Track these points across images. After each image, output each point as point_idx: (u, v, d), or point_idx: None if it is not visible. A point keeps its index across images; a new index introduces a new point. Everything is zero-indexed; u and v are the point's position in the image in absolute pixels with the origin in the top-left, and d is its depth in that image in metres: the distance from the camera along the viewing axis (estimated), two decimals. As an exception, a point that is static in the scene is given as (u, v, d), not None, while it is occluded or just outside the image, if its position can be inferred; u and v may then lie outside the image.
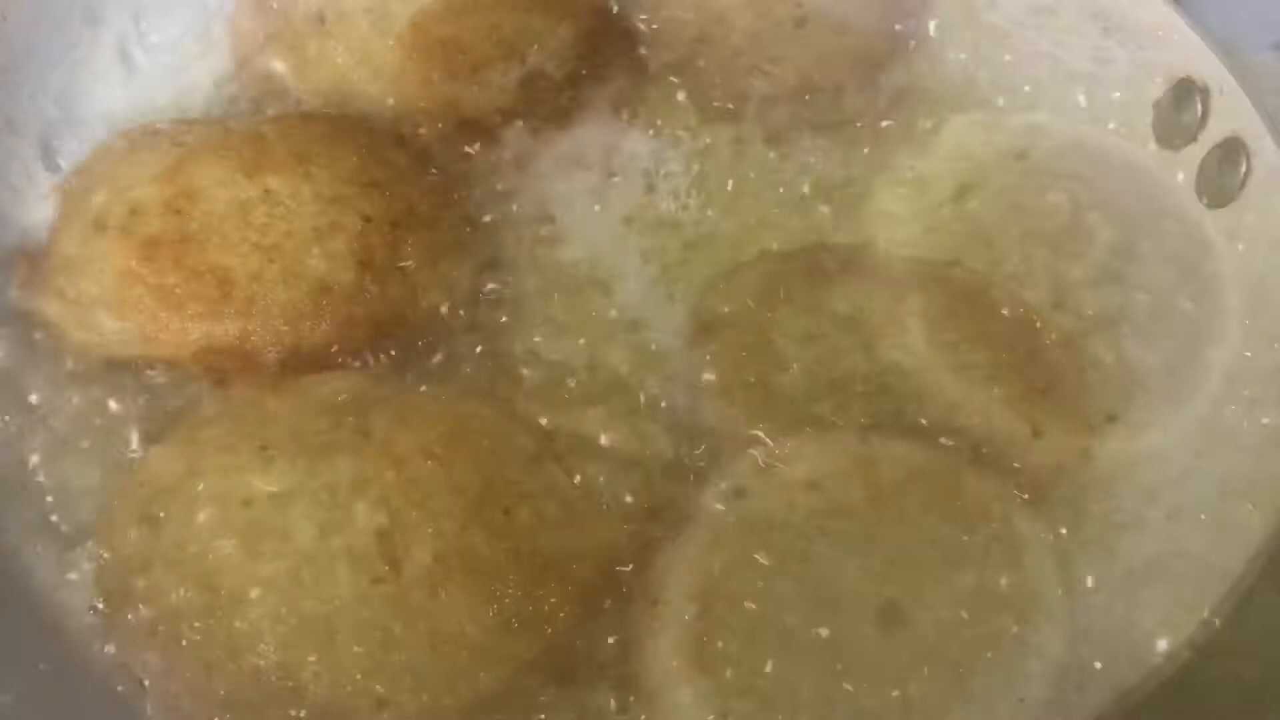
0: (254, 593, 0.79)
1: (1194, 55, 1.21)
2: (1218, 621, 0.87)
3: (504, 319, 1.00)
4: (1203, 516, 0.91)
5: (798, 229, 1.06)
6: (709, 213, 1.07)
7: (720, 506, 0.89)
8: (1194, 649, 0.86)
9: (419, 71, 1.06)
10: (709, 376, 0.98)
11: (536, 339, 0.99)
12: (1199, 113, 1.17)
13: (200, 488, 0.84)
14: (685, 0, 1.12)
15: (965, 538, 0.88)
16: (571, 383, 0.97)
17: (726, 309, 1.02)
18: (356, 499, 0.83)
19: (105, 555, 0.85)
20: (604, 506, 0.91)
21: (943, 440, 0.94)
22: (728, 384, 0.97)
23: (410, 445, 0.86)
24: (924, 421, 0.95)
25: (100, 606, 0.84)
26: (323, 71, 1.07)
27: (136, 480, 0.86)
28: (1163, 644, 0.87)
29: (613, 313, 1.01)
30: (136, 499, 0.85)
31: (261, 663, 0.78)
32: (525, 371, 0.98)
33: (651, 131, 1.10)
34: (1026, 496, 0.92)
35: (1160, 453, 0.94)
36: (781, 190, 1.08)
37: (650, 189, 1.08)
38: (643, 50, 1.14)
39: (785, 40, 1.11)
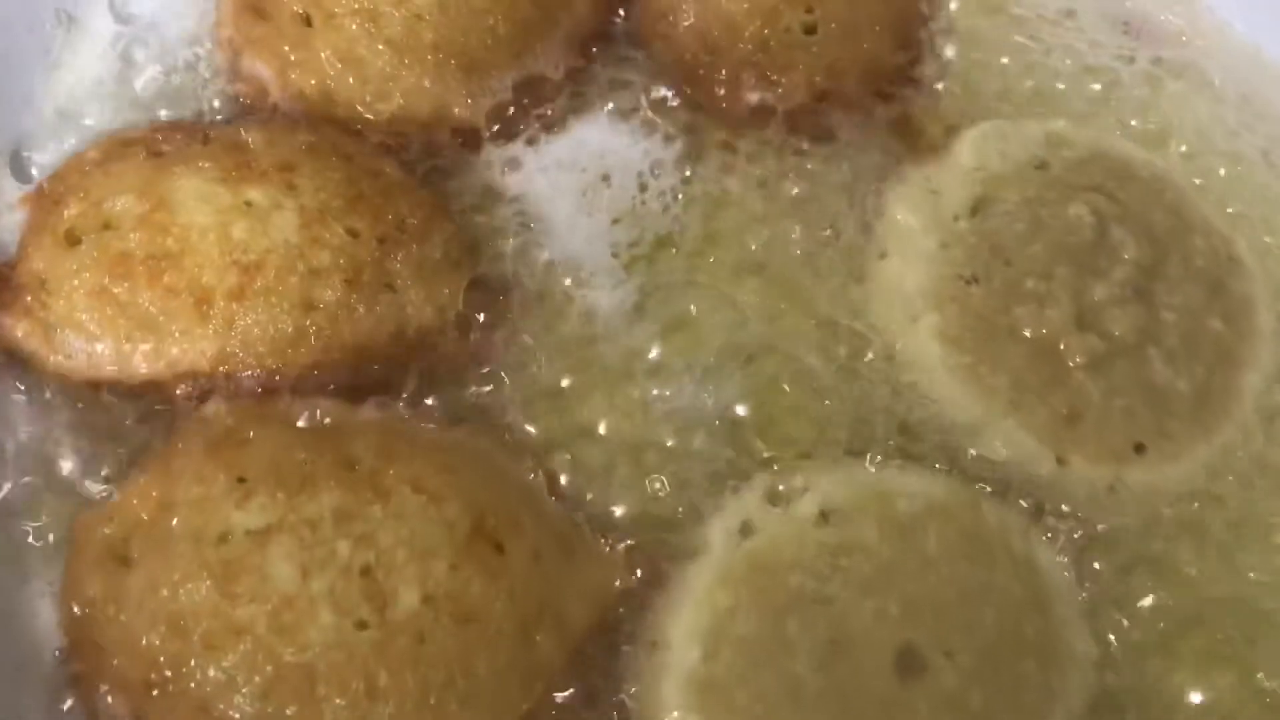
0: (229, 639, 0.74)
1: (1219, 59, 1.17)
2: (1261, 675, 0.82)
3: (497, 337, 0.95)
4: (1240, 556, 0.86)
5: (805, 241, 1.02)
6: (707, 225, 1.02)
7: (726, 542, 0.85)
8: (1232, 701, 0.82)
9: (410, 76, 1.01)
10: (711, 399, 0.93)
11: (530, 357, 0.95)
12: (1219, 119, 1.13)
13: (173, 523, 0.79)
14: (691, 6, 1.07)
15: (986, 576, 0.83)
16: (569, 406, 0.93)
17: (728, 323, 0.97)
18: (339, 536, 0.78)
19: (71, 596, 0.80)
20: (603, 540, 0.86)
21: (961, 470, 0.90)
22: (731, 407, 0.93)
23: (398, 477, 0.81)
24: (941, 449, 0.91)
25: (65, 652, 0.80)
26: (309, 76, 1.02)
27: (105, 514, 0.81)
28: (1197, 697, 0.83)
29: (608, 327, 0.97)
30: (105, 534, 0.80)
31: (236, 715, 0.73)
32: (520, 394, 0.93)
33: (650, 140, 1.05)
34: (1050, 532, 0.87)
35: (1192, 484, 0.90)
36: (787, 201, 1.04)
37: (643, 188, 1.03)
38: (645, 56, 1.09)
39: (794, 48, 1.06)
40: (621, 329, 0.96)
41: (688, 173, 1.04)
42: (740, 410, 0.92)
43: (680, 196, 1.03)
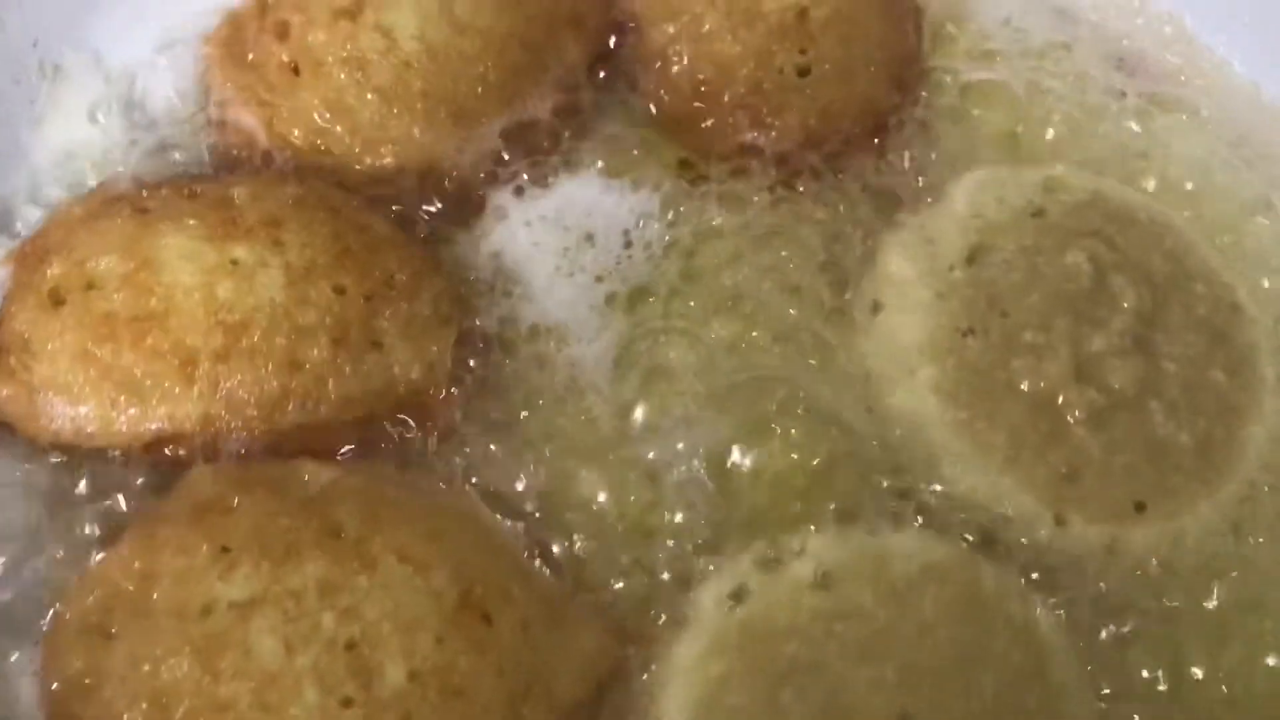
0: (212, 716, 0.73)
1: (1217, 99, 1.16)
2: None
3: (485, 396, 0.94)
4: (1243, 620, 0.84)
5: (796, 292, 1.00)
6: (688, 271, 1.01)
7: (718, 608, 0.83)
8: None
9: (399, 125, 1.00)
10: (699, 459, 0.91)
11: (516, 416, 0.93)
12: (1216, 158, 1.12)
13: (155, 596, 0.77)
14: (683, 49, 1.06)
15: (984, 641, 0.82)
16: (557, 467, 0.91)
17: (719, 381, 0.95)
18: (324, 608, 0.76)
19: (50, 671, 0.78)
20: (593, 609, 0.84)
21: (958, 529, 0.88)
22: (720, 468, 0.91)
23: (383, 545, 0.80)
24: (937, 508, 0.90)
25: (45, 730, 0.78)
26: (297, 126, 1.00)
27: (86, 586, 0.80)
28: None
29: (593, 383, 0.95)
30: (86, 607, 0.79)
31: (219, 797, 0.72)
32: (506, 455, 0.91)
33: (637, 196, 1.03)
34: (1048, 594, 0.85)
35: (1195, 543, 0.88)
36: (779, 250, 1.02)
37: (628, 245, 1.01)
38: (637, 102, 1.08)
39: (788, 90, 1.05)
40: (606, 385, 0.95)
41: (670, 218, 1.02)
42: (730, 471, 0.91)
43: (667, 237, 1.01)
